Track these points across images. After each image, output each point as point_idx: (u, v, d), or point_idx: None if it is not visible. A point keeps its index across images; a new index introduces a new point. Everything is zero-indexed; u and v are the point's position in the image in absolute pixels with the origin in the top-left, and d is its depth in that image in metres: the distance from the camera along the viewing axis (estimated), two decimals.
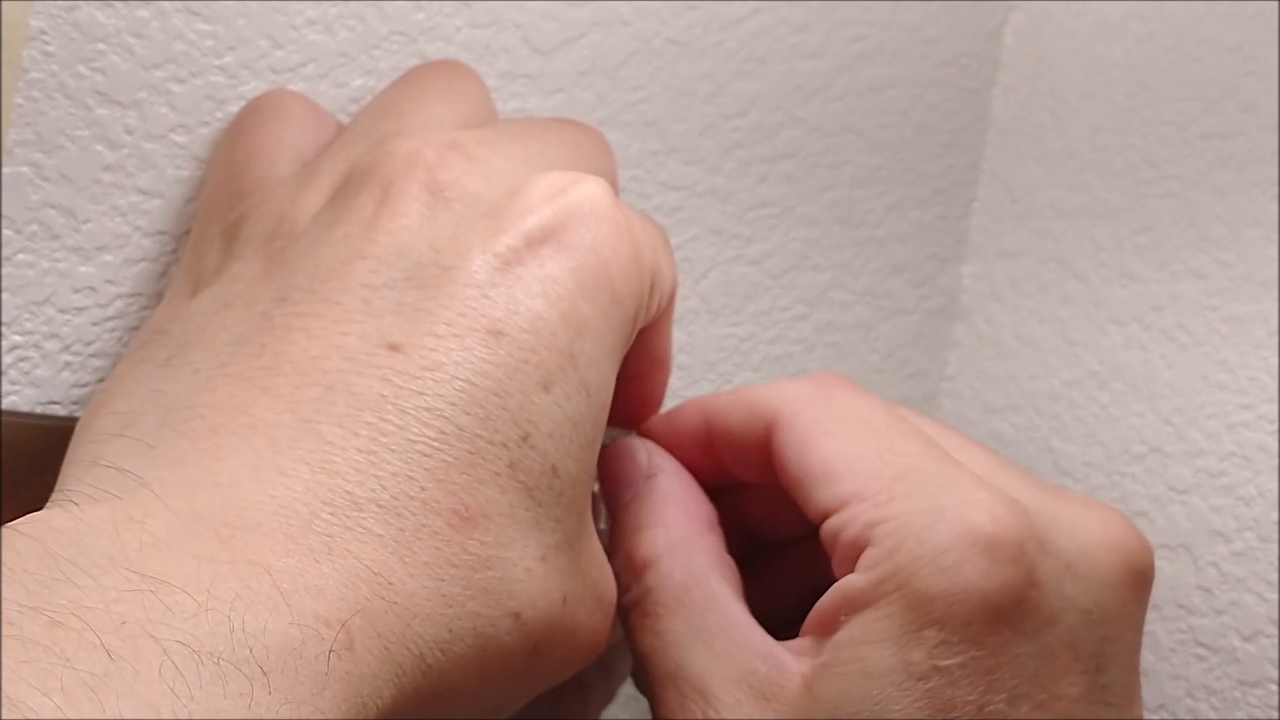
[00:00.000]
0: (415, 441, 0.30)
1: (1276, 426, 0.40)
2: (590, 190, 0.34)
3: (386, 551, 0.28)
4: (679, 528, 0.37)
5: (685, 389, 0.46)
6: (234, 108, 0.37)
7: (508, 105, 0.41)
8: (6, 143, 0.35)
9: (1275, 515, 0.43)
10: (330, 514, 0.28)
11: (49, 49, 0.35)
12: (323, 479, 0.29)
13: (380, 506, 0.29)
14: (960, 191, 0.51)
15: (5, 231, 0.35)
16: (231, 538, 0.27)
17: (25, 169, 0.35)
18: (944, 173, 0.50)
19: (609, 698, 0.42)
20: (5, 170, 0.35)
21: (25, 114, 0.35)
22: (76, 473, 0.30)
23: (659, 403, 0.40)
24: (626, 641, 0.36)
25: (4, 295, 0.35)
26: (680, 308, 0.45)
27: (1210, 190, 0.43)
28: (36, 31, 0.34)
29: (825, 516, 0.35)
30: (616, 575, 0.36)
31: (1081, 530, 0.35)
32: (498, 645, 0.30)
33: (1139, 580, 0.36)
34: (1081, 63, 0.47)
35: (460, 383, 0.30)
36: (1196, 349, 0.45)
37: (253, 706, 0.24)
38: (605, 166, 0.38)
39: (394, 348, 0.31)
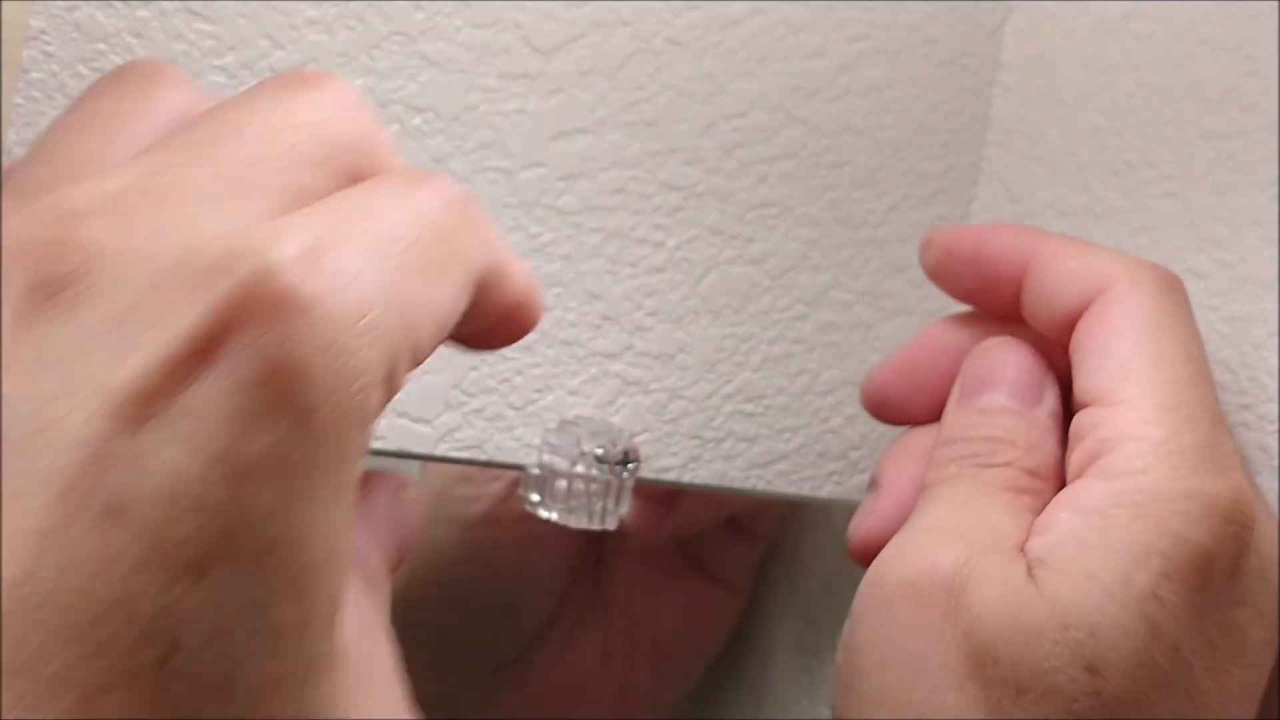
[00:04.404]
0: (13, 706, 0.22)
1: (1276, 426, 0.40)
2: (262, 263, 0.24)
3: None
4: None
5: (685, 388, 0.46)
6: None
7: (508, 105, 0.41)
8: (6, 143, 0.35)
9: (1275, 515, 0.43)
10: None
11: (49, 49, 0.35)
12: None
13: None
14: (960, 191, 0.51)
15: None
16: None
17: None
18: (944, 173, 0.50)
19: None
20: (5, 170, 0.35)
21: (25, 114, 0.35)
22: None
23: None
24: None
25: None
26: (680, 308, 0.45)
27: (1210, 190, 0.43)
28: (36, 31, 0.34)
29: (1087, 405, 0.37)
30: None
31: (1266, 540, 0.37)
32: None
33: None
34: (1081, 63, 0.47)
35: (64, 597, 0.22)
36: None
37: None
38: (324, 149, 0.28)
39: None
